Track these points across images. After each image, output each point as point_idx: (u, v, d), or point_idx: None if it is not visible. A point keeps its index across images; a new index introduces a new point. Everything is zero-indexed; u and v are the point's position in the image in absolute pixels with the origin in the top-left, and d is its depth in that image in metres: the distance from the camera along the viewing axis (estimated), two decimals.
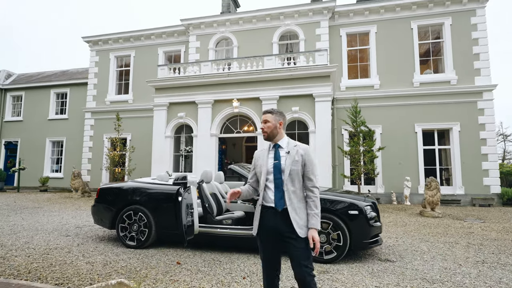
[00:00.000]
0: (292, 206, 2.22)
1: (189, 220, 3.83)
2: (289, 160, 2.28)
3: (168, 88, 13.00)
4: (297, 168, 2.26)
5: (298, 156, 2.30)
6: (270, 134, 2.37)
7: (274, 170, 2.28)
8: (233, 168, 5.02)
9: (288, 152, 2.31)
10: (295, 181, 2.26)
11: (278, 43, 14.79)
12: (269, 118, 2.38)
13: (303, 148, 2.35)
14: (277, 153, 2.34)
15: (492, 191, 12.28)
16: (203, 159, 12.29)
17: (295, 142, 2.40)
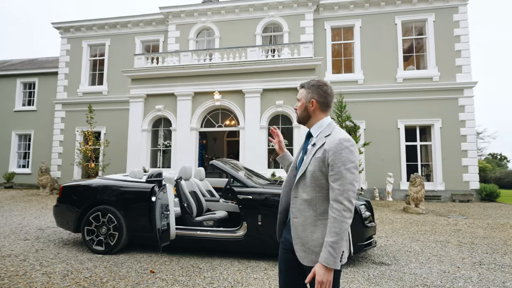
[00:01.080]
0: (299, 219, 1.61)
1: (164, 223, 3.35)
2: (310, 155, 1.64)
3: (145, 79, 12.26)
4: (314, 169, 1.58)
5: (322, 152, 1.59)
6: (300, 116, 1.77)
7: (297, 166, 1.74)
8: (214, 164, 4.54)
9: (314, 144, 1.67)
10: (311, 186, 1.59)
11: (262, 35, 14.31)
12: (300, 95, 1.77)
13: (333, 140, 1.58)
14: (305, 144, 1.76)
15: (471, 187, 12.41)
16: (182, 154, 11.69)
17: (332, 130, 1.67)
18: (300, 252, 1.58)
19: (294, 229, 1.62)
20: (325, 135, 1.66)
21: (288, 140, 11.63)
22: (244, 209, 4.20)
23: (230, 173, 4.48)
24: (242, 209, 4.21)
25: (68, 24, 16.18)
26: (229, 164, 4.83)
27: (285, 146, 11.54)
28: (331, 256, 1.43)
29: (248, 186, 4.32)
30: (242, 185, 4.36)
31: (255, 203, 4.18)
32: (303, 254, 1.57)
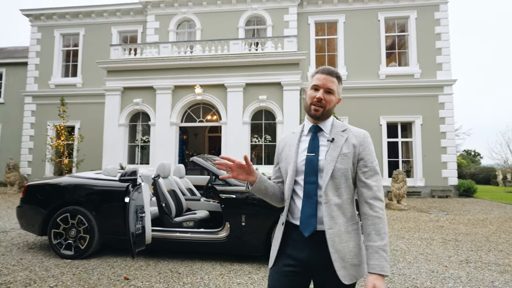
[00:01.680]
0: (334, 229, 1.37)
1: (139, 227, 3.03)
2: (334, 152, 1.42)
3: (123, 71, 11.70)
4: (345, 167, 1.40)
5: (349, 147, 1.42)
6: (327, 112, 1.47)
7: (307, 168, 1.43)
8: (195, 160, 4.24)
9: (333, 139, 1.45)
10: (342, 187, 1.40)
11: (245, 28, 13.97)
12: (336, 88, 1.47)
13: (358, 133, 1.46)
14: (315, 141, 1.48)
15: (450, 183, 12.65)
16: (161, 150, 11.25)
17: (343, 124, 1.53)
18: (341, 271, 1.34)
19: (331, 242, 1.36)
20: (341, 129, 1.48)
21: (271, 136, 11.42)
22: (227, 209, 3.94)
23: (211, 170, 4.19)
24: (225, 209, 3.94)
25: (38, 11, 15.23)
26: (210, 161, 4.54)
27: (269, 142, 11.46)
28: (386, 261, 1.29)
29: (231, 185, 4.06)
30: (225, 184, 4.09)
31: (239, 203, 3.93)
32: (344, 272, 1.34)
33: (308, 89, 1.52)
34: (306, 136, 1.51)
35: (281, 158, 1.58)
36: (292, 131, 1.61)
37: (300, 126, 1.59)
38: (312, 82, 1.48)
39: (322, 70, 1.47)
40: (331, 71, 1.46)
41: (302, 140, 1.52)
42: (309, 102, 1.47)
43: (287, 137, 1.59)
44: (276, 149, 1.65)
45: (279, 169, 1.61)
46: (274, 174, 1.65)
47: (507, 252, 4.66)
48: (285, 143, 1.58)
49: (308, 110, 1.48)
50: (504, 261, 4.24)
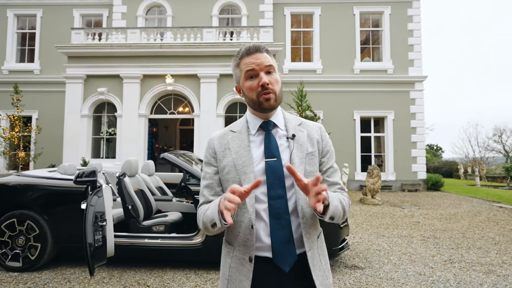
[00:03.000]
0: (313, 248, 1.12)
1: (99, 238, 2.57)
2: (299, 152, 1.13)
3: (85, 57, 10.77)
4: (314, 169, 1.14)
5: (313, 144, 1.16)
6: (279, 96, 1.13)
7: (270, 179, 1.08)
8: (166, 157, 3.79)
9: (293, 136, 1.15)
10: None
11: (218, 16, 13.37)
12: (273, 63, 1.12)
13: (315, 127, 1.22)
14: (272, 141, 1.13)
15: (419, 177, 12.97)
16: (129, 144, 10.54)
17: (296, 117, 1.25)
18: None
19: (312, 266, 1.09)
20: (297, 123, 1.21)
21: None
22: None
23: (185, 168, 3.77)
24: None
25: None
26: (183, 157, 4.11)
27: None
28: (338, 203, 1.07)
29: None
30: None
31: None
32: None
33: (240, 83, 1.14)
34: (256, 136, 1.15)
35: (222, 167, 1.14)
36: (229, 128, 1.20)
37: (240, 124, 1.20)
38: (242, 71, 1.11)
39: (246, 50, 1.11)
40: (257, 47, 1.11)
41: (253, 140, 1.15)
42: (254, 94, 1.09)
43: (223, 137, 1.18)
44: (209, 153, 1.18)
45: (219, 182, 1.16)
46: (210, 191, 1.16)
47: (486, 250, 4.65)
48: (223, 146, 1.16)
49: (258, 105, 1.10)
50: (486, 259, 4.19)
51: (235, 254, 1.12)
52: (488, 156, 27.23)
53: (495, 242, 5.12)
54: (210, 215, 1.03)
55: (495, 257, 4.30)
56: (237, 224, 1.10)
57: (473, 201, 10.03)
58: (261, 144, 1.13)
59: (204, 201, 1.16)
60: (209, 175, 1.17)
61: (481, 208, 8.49)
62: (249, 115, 1.19)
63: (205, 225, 1.07)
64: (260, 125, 1.15)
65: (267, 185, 1.07)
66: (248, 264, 1.08)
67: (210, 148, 1.18)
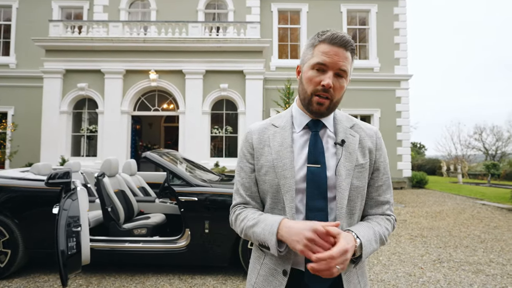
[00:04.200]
0: (350, 274, 0.96)
1: (72, 244, 2.35)
2: (348, 162, 0.97)
3: (65, 51, 10.32)
4: (362, 185, 0.98)
5: (364, 154, 1.00)
6: (334, 105, 0.97)
7: (310, 187, 0.94)
8: (149, 156, 3.57)
9: (343, 142, 0.99)
10: (356, 213, 0.99)
11: (204, 11, 13.08)
12: (349, 68, 0.96)
13: (371, 132, 1.05)
14: (317, 144, 0.97)
15: (404, 175, 13.11)
16: (111, 141, 10.18)
17: (349, 116, 1.08)
18: None
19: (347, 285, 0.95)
20: (348, 125, 1.03)
21: (232, 127, 10.86)
22: (187, 214, 3.36)
23: (169, 168, 3.57)
24: (185, 214, 3.36)
25: None
26: (167, 156, 3.90)
27: (230, 133, 10.89)
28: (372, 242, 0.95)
29: (192, 185, 3.47)
30: (185, 183, 3.50)
31: (201, 206, 3.36)
32: None
33: (304, 67, 0.97)
34: (300, 136, 1.01)
35: (260, 166, 1.00)
36: (271, 122, 1.05)
37: (284, 118, 1.04)
38: (314, 55, 0.94)
39: (332, 38, 0.93)
40: (345, 41, 0.93)
41: (297, 140, 1.00)
42: (310, 88, 0.94)
43: (264, 131, 1.03)
44: (246, 148, 1.04)
45: (255, 182, 1.02)
46: (246, 190, 1.03)
47: (473, 248, 4.65)
48: (263, 142, 1.01)
49: (307, 102, 0.96)
50: (474, 258, 4.18)
51: (266, 262, 0.99)
52: (469, 154, 27.97)
53: (481, 240, 5.15)
54: (261, 236, 0.92)
55: (483, 256, 4.30)
56: None
57: (457, 198, 10.19)
58: (305, 146, 0.99)
59: (240, 201, 1.04)
60: (244, 172, 1.04)
61: (465, 206, 8.61)
62: (295, 109, 1.05)
63: (246, 236, 0.99)
64: (307, 123, 1.01)
65: (306, 195, 0.94)
66: (280, 277, 0.95)
67: (247, 142, 1.04)
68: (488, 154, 27.42)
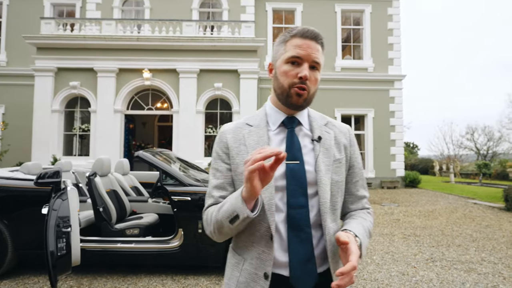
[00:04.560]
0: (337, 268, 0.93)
1: (62, 245, 2.31)
2: (326, 158, 0.97)
3: (57, 49, 10.19)
4: (342, 179, 1.00)
5: (340, 149, 1.02)
6: (311, 97, 0.97)
7: (291, 184, 0.92)
8: (141, 156, 3.54)
9: (319, 138, 0.99)
10: (338, 208, 0.99)
11: (199, 10, 13.00)
12: (322, 60, 0.96)
13: (344, 129, 1.07)
14: (294, 141, 0.97)
15: (397, 174, 13.20)
16: (104, 141, 10.08)
17: (321, 114, 1.09)
18: None
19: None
20: (322, 123, 1.05)
21: None
22: (181, 214, 3.33)
23: (161, 167, 3.53)
24: (178, 213, 3.33)
25: None
26: (160, 156, 3.86)
27: None
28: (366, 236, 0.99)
29: (185, 184, 3.44)
30: (178, 183, 3.47)
31: (195, 206, 3.33)
32: None
33: (277, 63, 0.97)
34: (276, 133, 0.99)
35: (236, 166, 0.97)
36: (245, 121, 1.03)
37: (258, 117, 1.03)
38: (287, 50, 0.94)
39: (302, 32, 0.93)
40: (316, 34, 0.94)
41: (271, 139, 0.99)
42: (287, 82, 0.93)
43: (238, 130, 1.01)
44: (220, 148, 1.01)
45: (231, 182, 0.99)
46: (221, 191, 0.98)
47: (465, 247, 4.69)
48: (238, 141, 0.99)
49: (285, 96, 0.94)
50: (466, 257, 4.22)
51: (246, 267, 0.94)
52: (461, 154, 28.29)
53: (473, 239, 5.20)
54: (229, 208, 0.86)
55: (474, 255, 4.34)
56: (250, 233, 0.93)
57: (449, 197, 10.28)
58: (282, 143, 0.97)
59: (212, 202, 0.98)
60: (220, 173, 0.99)
61: (457, 205, 8.69)
62: (269, 107, 1.03)
63: (219, 224, 0.90)
64: (283, 121, 0.99)
65: (286, 192, 0.91)
66: (262, 281, 0.91)
67: (221, 142, 1.01)
68: (480, 154, 27.75)
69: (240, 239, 0.98)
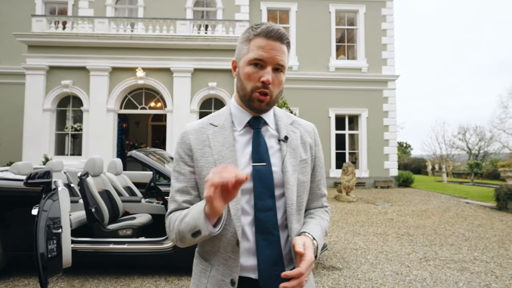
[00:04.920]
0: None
1: (53, 247, 2.26)
2: (293, 158, 0.95)
3: (48, 47, 10.04)
4: (307, 180, 0.99)
5: (306, 149, 1.00)
6: (274, 101, 0.94)
7: (258, 187, 0.89)
8: (134, 155, 3.49)
9: (286, 138, 0.97)
10: (303, 209, 0.99)
11: (193, 8, 12.94)
12: (286, 61, 0.92)
13: (308, 128, 1.05)
14: (261, 142, 0.94)
15: (391, 174, 13.29)
16: (96, 140, 9.97)
17: (287, 113, 1.05)
18: None
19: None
20: (288, 122, 1.02)
21: None
22: None
23: (155, 167, 3.49)
24: None
25: None
26: (153, 155, 3.82)
27: None
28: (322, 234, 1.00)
29: None
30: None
31: None
32: None
33: (241, 62, 0.93)
34: (242, 134, 0.96)
35: (200, 169, 0.92)
36: (209, 121, 0.98)
37: (222, 116, 0.98)
38: (250, 50, 0.90)
39: (266, 31, 0.89)
40: (281, 34, 0.89)
41: (238, 139, 0.95)
42: (249, 86, 0.90)
43: (201, 131, 0.96)
44: (182, 149, 0.95)
45: (195, 185, 0.94)
46: (183, 196, 0.93)
47: (458, 247, 4.73)
48: (202, 143, 0.94)
49: (247, 100, 0.92)
50: (459, 256, 4.25)
51: (213, 274, 0.91)
52: (453, 154, 28.61)
53: (466, 238, 5.24)
54: (191, 222, 0.82)
55: (467, 254, 4.38)
56: (216, 238, 0.89)
57: (442, 197, 10.38)
58: (248, 145, 0.94)
59: (175, 207, 0.93)
60: (183, 176, 0.94)
61: (450, 204, 8.77)
62: (234, 107, 0.99)
63: (181, 235, 0.86)
64: (248, 121, 0.96)
65: (254, 195, 0.89)
66: (207, 279, 0.91)
67: (184, 144, 0.95)
68: (471, 154, 28.10)
69: (206, 244, 0.94)
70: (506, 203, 7.76)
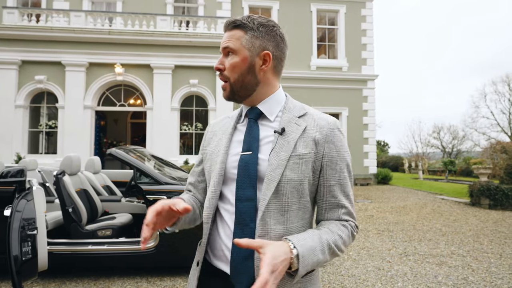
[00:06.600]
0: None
1: (27, 249, 2.14)
2: (282, 151, 0.87)
3: (21, 41, 9.58)
4: (299, 177, 0.86)
5: (307, 144, 0.88)
6: (236, 83, 0.91)
7: (240, 175, 0.88)
8: (113, 153, 3.37)
9: (282, 130, 0.89)
10: (291, 210, 0.86)
11: (173, 4, 12.68)
12: (235, 43, 0.90)
13: (322, 122, 0.91)
14: (253, 132, 0.92)
15: (370, 172, 13.58)
16: (73, 138, 9.61)
17: (303, 105, 0.97)
18: None
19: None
20: (297, 114, 0.93)
21: (202, 124, 10.66)
22: None
23: (136, 165, 3.39)
24: None
25: None
26: (134, 153, 3.71)
27: (200, 130, 10.67)
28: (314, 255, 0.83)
29: (161, 183, 3.32)
30: (153, 181, 3.34)
31: None
32: None
33: None
34: (243, 125, 0.98)
35: (206, 154, 1.03)
36: (228, 115, 1.08)
37: (238, 109, 1.04)
38: None
39: (224, 26, 0.95)
40: (229, 22, 0.92)
41: (238, 129, 0.98)
42: None
43: (218, 123, 1.07)
44: (203, 140, 1.10)
45: (202, 171, 1.07)
46: (195, 178, 1.09)
47: (436, 241, 4.88)
48: (213, 132, 1.05)
49: None
50: (437, 251, 4.38)
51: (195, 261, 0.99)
52: (429, 152, 29.61)
53: (442, 233, 5.42)
54: None
55: (445, 248, 4.52)
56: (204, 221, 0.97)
57: (419, 193, 10.71)
58: (243, 134, 0.97)
59: (185, 188, 1.13)
60: (197, 162, 1.11)
61: (426, 200, 9.06)
62: None
63: None
64: (246, 112, 0.98)
65: (236, 183, 0.89)
66: (196, 268, 0.96)
67: (205, 135, 1.11)
68: (445, 152, 29.20)
69: None
70: (479, 199, 8.10)
